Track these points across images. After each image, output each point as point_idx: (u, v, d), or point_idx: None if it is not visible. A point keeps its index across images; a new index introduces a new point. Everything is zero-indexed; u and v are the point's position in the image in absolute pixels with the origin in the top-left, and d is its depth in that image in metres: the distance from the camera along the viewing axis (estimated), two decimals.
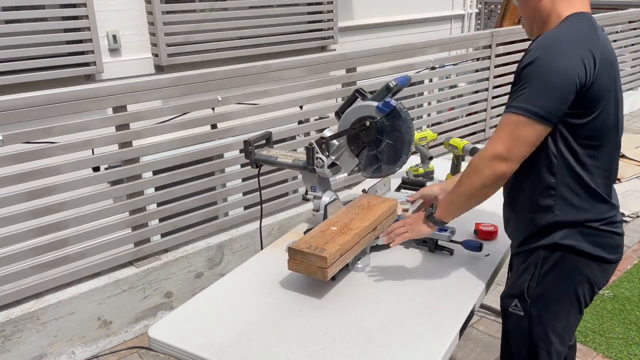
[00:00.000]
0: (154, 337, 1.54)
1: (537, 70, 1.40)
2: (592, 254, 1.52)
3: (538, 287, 1.57)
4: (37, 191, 2.50)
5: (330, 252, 1.60)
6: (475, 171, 1.49)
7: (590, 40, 1.44)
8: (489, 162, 1.45)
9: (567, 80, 1.38)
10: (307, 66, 3.34)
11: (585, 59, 1.40)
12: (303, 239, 1.72)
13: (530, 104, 1.40)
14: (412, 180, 2.40)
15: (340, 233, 1.73)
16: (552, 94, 1.39)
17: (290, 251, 1.66)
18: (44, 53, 3.91)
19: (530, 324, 1.59)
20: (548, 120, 1.41)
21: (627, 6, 7.08)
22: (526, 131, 1.41)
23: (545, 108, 1.40)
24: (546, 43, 1.43)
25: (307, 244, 1.66)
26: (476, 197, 1.53)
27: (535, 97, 1.40)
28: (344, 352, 1.43)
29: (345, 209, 1.93)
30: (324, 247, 1.63)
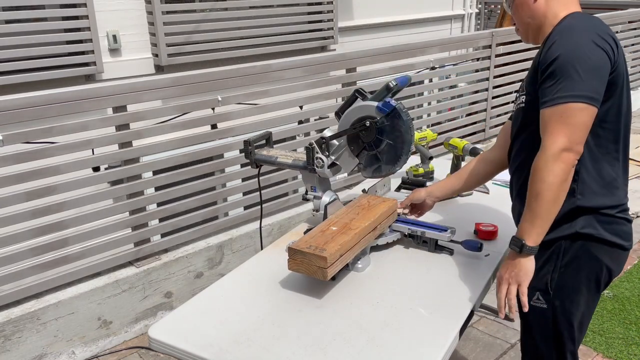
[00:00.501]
0: (154, 337, 1.54)
1: (574, 56, 1.42)
2: (610, 241, 1.55)
3: (560, 278, 1.58)
4: (37, 191, 2.50)
5: (330, 252, 1.60)
6: (547, 173, 1.43)
7: (604, 27, 1.49)
8: (558, 158, 1.41)
9: (605, 60, 1.43)
10: (307, 66, 3.34)
11: (609, 41, 1.45)
12: (303, 239, 1.71)
13: (577, 90, 1.40)
14: (412, 180, 2.40)
15: (340, 233, 1.73)
16: (596, 74, 1.42)
17: (290, 251, 1.66)
18: (44, 53, 3.91)
19: (554, 315, 1.61)
20: (597, 100, 1.43)
21: (627, 6, 7.08)
22: (580, 116, 1.41)
23: (593, 89, 1.42)
24: (569, 32, 1.46)
25: (307, 244, 1.66)
26: (560, 196, 1.45)
27: (581, 81, 1.40)
28: (344, 352, 1.43)
29: (345, 209, 1.93)
30: (324, 247, 1.63)
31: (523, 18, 1.63)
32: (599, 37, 1.44)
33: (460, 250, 1.88)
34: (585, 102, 1.41)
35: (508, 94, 4.87)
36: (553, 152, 1.41)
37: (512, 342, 2.79)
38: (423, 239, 1.90)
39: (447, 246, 1.89)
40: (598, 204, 1.54)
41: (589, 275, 1.58)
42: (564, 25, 1.50)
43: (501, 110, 4.86)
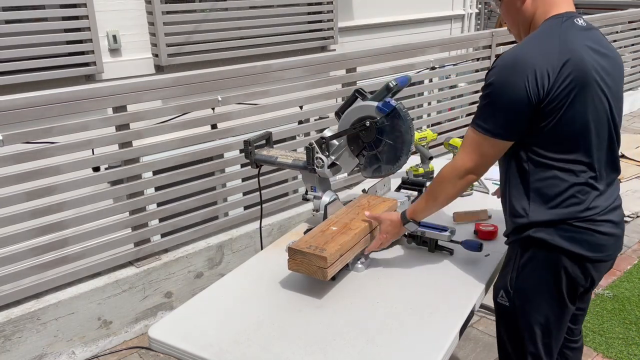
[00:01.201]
0: (154, 337, 1.54)
1: (492, 90, 1.49)
2: (569, 250, 1.53)
3: (518, 280, 1.61)
4: (37, 191, 2.50)
5: (330, 252, 1.60)
6: (450, 183, 1.63)
7: (551, 50, 1.45)
8: (462, 176, 1.60)
9: (517, 100, 1.45)
10: (307, 66, 3.34)
11: (538, 74, 1.43)
12: (303, 239, 1.71)
13: (487, 122, 1.51)
14: (412, 180, 2.40)
15: (340, 233, 1.73)
16: (505, 113, 1.48)
17: (290, 251, 1.66)
18: (44, 53, 3.91)
19: (515, 315, 1.63)
20: (505, 137, 1.51)
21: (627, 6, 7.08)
22: (488, 147, 1.53)
23: (501, 126, 1.49)
24: (503, 63, 1.49)
25: (307, 244, 1.66)
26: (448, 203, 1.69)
27: (492, 115, 1.50)
28: (344, 352, 1.43)
29: (345, 208, 1.93)
30: (324, 247, 1.63)
31: (513, 19, 1.63)
32: (525, 72, 1.43)
33: (460, 250, 1.88)
34: (491, 137, 1.51)
35: None
36: (460, 172, 1.59)
37: None
38: (423, 239, 1.90)
39: (447, 246, 1.89)
40: (552, 218, 1.53)
41: (547, 280, 1.57)
42: (510, 51, 1.51)
43: None
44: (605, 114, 1.52)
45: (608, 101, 1.52)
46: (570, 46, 1.46)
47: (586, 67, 1.46)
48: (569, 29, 1.50)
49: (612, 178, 1.61)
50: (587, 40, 1.50)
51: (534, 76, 1.43)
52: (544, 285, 1.58)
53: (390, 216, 1.80)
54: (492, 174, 2.58)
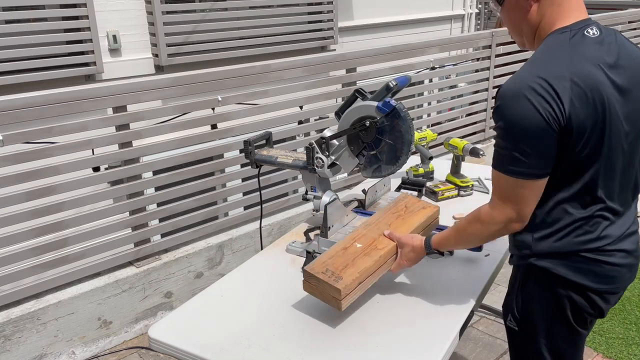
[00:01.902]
0: (154, 337, 1.54)
1: (506, 128, 1.33)
2: (570, 280, 1.44)
3: (524, 306, 1.54)
4: (37, 191, 2.50)
5: (346, 283, 1.47)
6: (487, 231, 1.46)
7: (559, 73, 1.30)
8: (504, 226, 1.42)
9: (539, 129, 1.29)
10: (307, 66, 3.34)
11: (550, 100, 1.28)
12: (321, 258, 1.57)
13: (518, 165, 1.34)
14: (412, 180, 2.40)
15: (363, 254, 1.59)
16: (533, 148, 1.31)
17: (305, 273, 1.54)
18: (44, 53, 3.91)
19: (524, 340, 1.57)
20: (543, 174, 1.36)
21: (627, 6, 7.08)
22: (527, 191, 1.37)
23: (535, 164, 1.33)
24: (507, 96, 1.32)
25: (324, 267, 1.52)
26: (479, 243, 1.60)
27: (521, 155, 1.32)
28: (343, 352, 1.43)
29: (378, 214, 1.79)
30: (340, 275, 1.50)
31: (515, 26, 1.49)
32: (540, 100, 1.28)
33: (460, 250, 1.88)
34: (534, 178, 1.35)
35: None
36: (501, 221, 1.42)
37: None
38: None
39: None
40: (554, 250, 1.43)
41: (552, 308, 1.48)
42: (514, 78, 1.34)
43: None
44: (619, 137, 1.38)
45: (622, 123, 1.37)
46: (579, 68, 1.31)
47: (598, 92, 1.31)
48: (577, 46, 1.35)
49: (627, 203, 1.48)
50: (600, 57, 1.34)
51: (546, 101, 1.28)
52: (549, 312, 1.50)
53: (412, 241, 1.65)
54: None
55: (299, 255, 1.91)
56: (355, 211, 2.08)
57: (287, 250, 1.95)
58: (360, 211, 2.09)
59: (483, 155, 2.34)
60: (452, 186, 2.37)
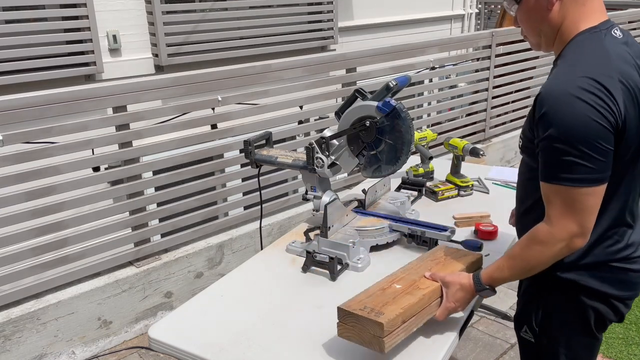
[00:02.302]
0: (154, 337, 1.54)
1: (559, 132, 1.23)
2: (597, 290, 1.40)
3: (544, 318, 1.48)
4: (37, 191, 2.50)
5: (389, 317, 1.31)
6: (550, 251, 1.33)
7: (606, 71, 1.25)
8: (567, 244, 1.31)
9: (596, 129, 1.22)
10: (307, 66, 3.34)
11: (610, 97, 1.22)
12: (357, 298, 1.43)
13: (575, 171, 1.24)
14: (412, 180, 2.40)
15: (404, 293, 1.44)
16: (592, 150, 1.22)
17: (340, 313, 1.38)
18: (44, 53, 3.91)
19: (540, 351, 1.52)
20: (604, 178, 1.26)
21: (627, 6, 7.07)
22: (589, 199, 1.27)
23: (597, 168, 1.24)
24: (556, 95, 1.25)
25: (361, 304, 1.38)
26: (541, 269, 1.39)
27: (579, 159, 1.23)
28: (344, 352, 1.43)
29: (416, 262, 1.65)
30: (381, 310, 1.35)
31: (534, 27, 1.41)
32: (598, 99, 1.22)
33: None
34: (595, 184, 1.25)
35: (508, 94, 4.87)
36: (563, 237, 1.30)
37: (512, 342, 2.79)
38: (423, 238, 1.90)
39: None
40: (585, 261, 1.39)
41: (576, 321, 1.44)
42: (560, 79, 1.27)
43: (501, 110, 4.86)
44: None
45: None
46: (622, 69, 1.27)
47: (636, 90, 1.28)
48: (612, 46, 1.30)
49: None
50: (630, 58, 1.32)
51: (601, 100, 1.22)
52: (572, 323, 1.45)
53: (459, 279, 1.49)
54: (493, 173, 2.58)
55: (299, 255, 1.91)
56: (355, 211, 2.08)
57: (287, 250, 1.95)
58: (360, 211, 2.09)
59: (483, 155, 2.34)
60: (452, 186, 2.37)
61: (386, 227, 1.95)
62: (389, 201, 2.18)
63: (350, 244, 1.80)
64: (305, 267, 1.81)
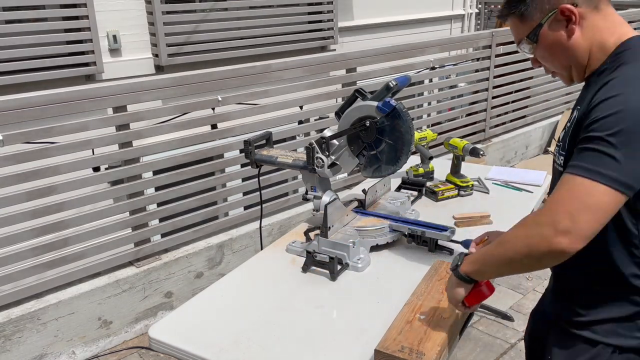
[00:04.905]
0: (154, 337, 1.54)
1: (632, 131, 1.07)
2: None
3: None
4: (37, 191, 2.50)
5: (429, 357, 1.32)
6: (524, 228, 1.18)
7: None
8: (547, 232, 1.10)
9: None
10: (307, 66, 3.34)
11: None
12: (389, 335, 1.40)
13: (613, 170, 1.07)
14: (412, 180, 2.40)
15: (432, 325, 1.44)
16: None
17: (378, 355, 1.35)
18: (44, 53, 3.91)
19: None
20: (634, 189, 1.09)
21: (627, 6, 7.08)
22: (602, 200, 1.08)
23: (633, 175, 1.08)
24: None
25: (397, 344, 1.35)
26: (516, 266, 1.21)
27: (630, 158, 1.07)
28: (344, 352, 1.43)
29: (424, 284, 1.64)
30: (420, 350, 1.33)
31: (561, 59, 1.27)
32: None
33: (460, 249, 1.88)
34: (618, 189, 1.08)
35: (508, 94, 4.87)
36: (544, 222, 1.12)
37: (512, 342, 2.79)
38: (423, 238, 1.90)
39: (446, 246, 1.89)
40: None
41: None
42: (630, 71, 1.14)
43: (501, 110, 4.86)
44: None
45: None
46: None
47: None
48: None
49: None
50: None
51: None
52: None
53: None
54: (493, 173, 2.58)
55: (299, 255, 1.91)
56: (355, 211, 2.08)
57: (287, 250, 1.96)
58: (360, 211, 2.09)
59: (483, 155, 2.34)
60: (452, 186, 2.37)
61: (386, 227, 1.95)
62: (389, 201, 2.19)
63: (350, 244, 1.80)
64: (305, 267, 1.81)
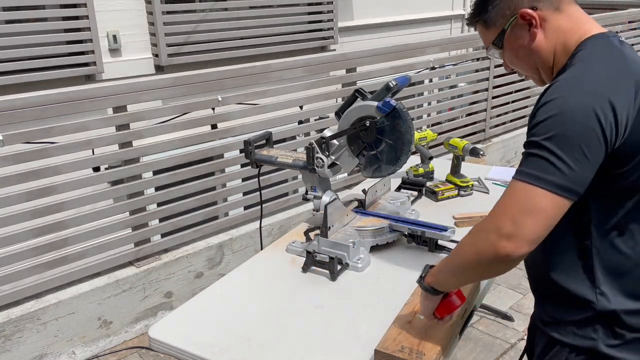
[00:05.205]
0: (154, 337, 1.54)
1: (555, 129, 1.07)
2: None
3: None
4: (37, 191, 2.50)
5: (429, 358, 1.32)
6: (472, 235, 1.18)
7: (620, 75, 1.11)
8: (491, 236, 1.10)
9: (595, 140, 1.06)
10: (307, 66, 3.34)
11: (617, 106, 1.07)
12: (389, 335, 1.40)
13: (551, 174, 1.06)
14: (412, 180, 2.40)
15: (432, 325, 1.43)
16: (578, 159, 1.06)
17: (378, 355, 1.35)
18: (44, 53, 3.91)
19: None
20: (577, 192, 1.08)
21: (627, 6, 7.08)
22: (543, 204, 1.07)
23: (572, 178, 1.06)
24: (564, 93, 1.09)
25: (398, 344, 1.35)
26: (469, 274, 1.22)
27: (560, 160, 1.06)
28: (344, 352, 1.43)
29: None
30: (421, 350, 1.33)
31: (527, 62, 1.27)
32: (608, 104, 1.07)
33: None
34: (566, 195, 1.07)
35: (508, 94, 4.87)
36: (488, 228, 1.12)
37: (512, 342, 2.79)
38: (423, 238, 1.90)
39: (447, 246, 1.89)
40: (624, 306, 1.16)
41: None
42: (574, 73, 1.13)
43: (501, 110, 4.86)
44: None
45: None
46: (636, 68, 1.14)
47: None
48: (624, 49, 1.17)
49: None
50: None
51: (609, 108, 1.07)
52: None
53: None
54: (493, 173, 2.58)
55: (299, 255, 1.91)
56: (355, 211, 2.08)
57: (287, 250, 1.96)
58: (360, 211, 2.09)
59: (483, 155, 2.34)
60: (452, 186, 2.37)
61: (386, 227, 1.95)
62: (389, 201, 2.19)
63: (350, 244, 1.80)
64: (305, 267, 1.81)
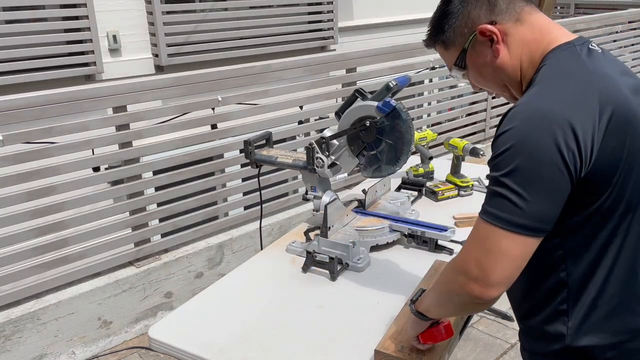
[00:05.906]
0: (154, 337, 1.54)
1: (512, 162, 1.00)
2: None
3: None
4: (37, 191, 2.50)
5: (429, 358, 1.33)
6: (444, 274, 1.17)
7: (584, 95, 1.01)
8: (462, 279, 1.06)
9: (556, 172, 0.98)
10: (307, 66, 3.34)
11: (578, 131, 0.97)
12: (390, 335, 1.40)
13: (512, 212, 1.01)
14: (412, 180, 2.40)
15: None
16: (541, 195, 0.99)
17: (377, 355, 1.36)
18: (44, 53, 3.91)
19: None
20: (543, 230, 1.02)
21: (627, 6, 7.08)
22: (505, 246, 1.02)
23: (535, 216, 1.00)
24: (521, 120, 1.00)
25: (398, 343, 1.36)
26: (449, 309, 1.20)
27: (521, 199, 1.00)
28: (344, 352, 1.43)
29: (424, 284, 1.61)
30: (420, 350, 1.35)
31: (495, 80, 1.17)
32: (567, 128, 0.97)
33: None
34: (532, 234, 1.01)
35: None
36: (459, 270, 1.08)
37: (512, 342, 2.79)
38: (423, 238, 1.90)
39: (447, 246, 1.89)
40: (593, 342, 1.10)
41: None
42: (532, 97, 1.03)
43: (501, 110, 4.86)
44: None
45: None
46: (606, 85, 1.03)
47: (632, 111, 1.04)
48: (590, 60, 1.06)
49: None
50: (616, 70, 1.08)
51: (571, 134, 0.97)
52: None
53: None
54: None
55: (299, 255, 1.91)
56: (355, 211, 2.08)
57: (287, 250, 1.95)
58: (360, 211, 2.09)
59: (483, 155, 2.34)
60: (452, 186, 2.37)
61: (386, 227, 1.95)
62: (389, 201, 2.19)
63: (350, 244, 1.80)
64: (305, 267, 1.81)
